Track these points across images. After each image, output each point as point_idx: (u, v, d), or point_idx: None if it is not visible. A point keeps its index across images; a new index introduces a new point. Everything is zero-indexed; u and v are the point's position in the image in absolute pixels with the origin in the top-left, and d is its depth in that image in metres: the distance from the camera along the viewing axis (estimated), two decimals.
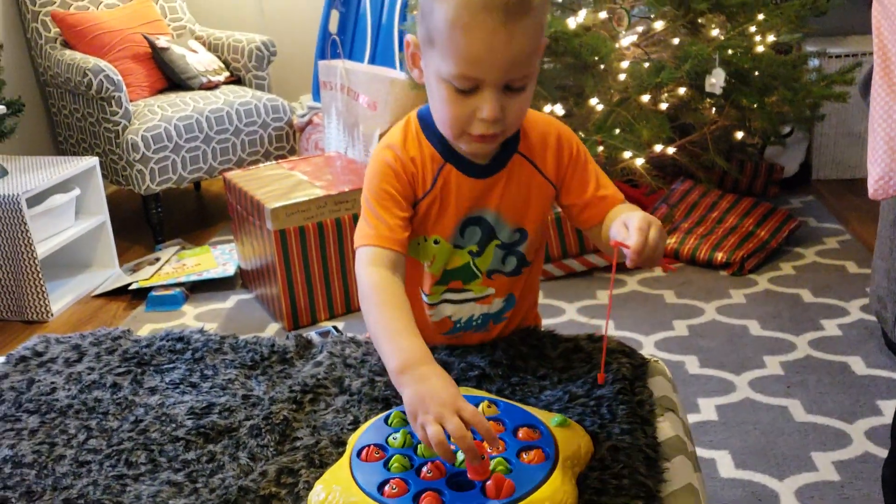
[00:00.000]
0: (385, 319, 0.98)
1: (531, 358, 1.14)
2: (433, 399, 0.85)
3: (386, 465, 0.88)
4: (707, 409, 2.04)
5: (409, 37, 1.05)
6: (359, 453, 0.91)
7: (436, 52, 0.99)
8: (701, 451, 1.87)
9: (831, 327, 2.41)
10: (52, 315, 2.80)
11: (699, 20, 2.93)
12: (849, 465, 1.81)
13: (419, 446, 0.89)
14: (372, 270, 1.03)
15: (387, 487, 0.85)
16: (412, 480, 0.85)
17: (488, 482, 0.83)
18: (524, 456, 0.89)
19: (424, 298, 1.17)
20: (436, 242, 1.12)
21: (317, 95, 3.81)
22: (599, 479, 0.89)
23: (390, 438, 0.92)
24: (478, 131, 1.01)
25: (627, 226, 1.00)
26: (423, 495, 0.83)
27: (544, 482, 0.85)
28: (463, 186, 1.09)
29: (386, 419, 0.96)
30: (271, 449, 0.99)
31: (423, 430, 0.83)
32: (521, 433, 0.92)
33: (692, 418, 2.00)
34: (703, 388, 2.14)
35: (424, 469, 0.87)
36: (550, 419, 0.96)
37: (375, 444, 0.91)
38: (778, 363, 2.23)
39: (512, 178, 1.11)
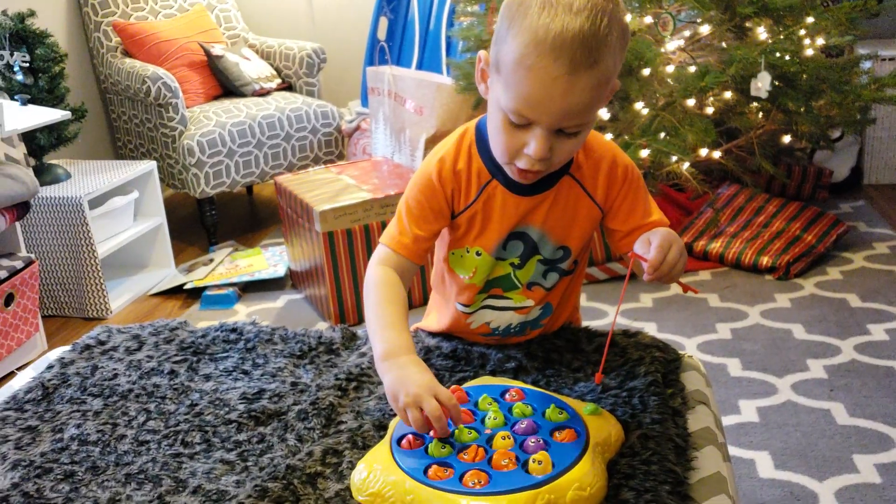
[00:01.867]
0: (380, 312, 1.06)
1: (566, 351, 1.18)
2: (412, 384, 0.95)
3: (426, 451, 0.93)
4: (748, 411, 2.05)
5: (482, 53, 1.05)
6: (399, 441, 0.96)
7: (500, 81, 0.99)
8: (741, 452, 1.89)
9: (878, 332, 2.39)
10: (111, 312, 2.91)
11: (746, 24, 2.93)
12: (891, 468, 1.80)
13: (429, 446, 0.94)
14: (380, 269, 1.12)
15: (430, 471, 0.89)
16: (455, 463, 0.90)
17: (528, 459, 0.88)
18: (557, 435, 0.93)
19: (462, 309, 1.21)
20: (478, 254, 1.15)
21: (365, 101, 3.89)
22: (629, 465, 0.93)
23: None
24: (522, 164, 1.02)
25: (650, 241, 1.02)
26: (468, 472, 0.88)
27: (574, 465, 0.89)
28: (508, 203, 1.11)
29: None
30: (317, 431, 1.04)
31: (405, 412, 0.94)
32: (548, 413, 0.97)
33: (733, 419, 2.01)
34: (745, 390, 2.14)
35: (465, 454, 0.91)
36: (583, 408, 0.99)
37: (413, 434, 0.96)
38: (822, 367, 2.23)
39: (559, 199, 1.12)
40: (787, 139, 3.02)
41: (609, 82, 0.98)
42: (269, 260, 3.17)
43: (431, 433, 0.94)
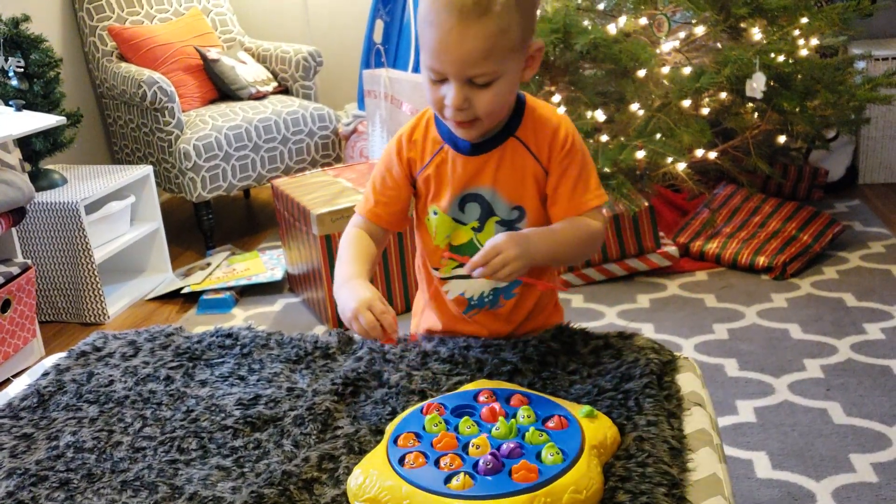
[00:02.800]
0: (343, 258, 1.23)
1: (562, 354, 1.18)
2: (354, 300, 1.11)
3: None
4: (745, 411, 2.05)
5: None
6: (395, 440, 0.96)
7: (420, 43, 1.12)
8: (738, 452, 1.89)
9: (874, 331, 2.40)
10: (108, 317, 2.91)
11: (740, 25, 2.94)
12: (888, 466, 1.81)
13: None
14: (351, 229, 1.28)
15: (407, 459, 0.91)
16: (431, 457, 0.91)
17: (516, 465, 0.88)
18: (549, 424, 0.94)
19: (436, 273, 1.29)
20: (434, 213, 1.25)
21: (362, 104, 3.89)
22: (624, 468, 0.93)
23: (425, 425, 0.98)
24: (449, 115, 1.14)
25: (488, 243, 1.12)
26: (455, 476, 0.88)
27: (570, 468, 0.89)
28: (458, 163, 1.22)
29: (421, 410, 1.01)
30: (314, 437, 1.04)
31: (351, 325, 1.11)
32: (552, 423, 0.97)
33: (730, 420, 2.02)
34: (742, 390, 2.15)
35: (445, 461, 0.92)
36: (578, 410, 1.00)
37: (412, 432, 0.96)
38: (818, 366, 2.23)
39: (505, 159, 1.21)
40: (782, 139, 3.02)
41: (506, 34, 1.07)
42: (266, 263, 3.17)
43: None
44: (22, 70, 2.87)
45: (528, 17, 1.10)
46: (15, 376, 2.44)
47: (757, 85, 2.72)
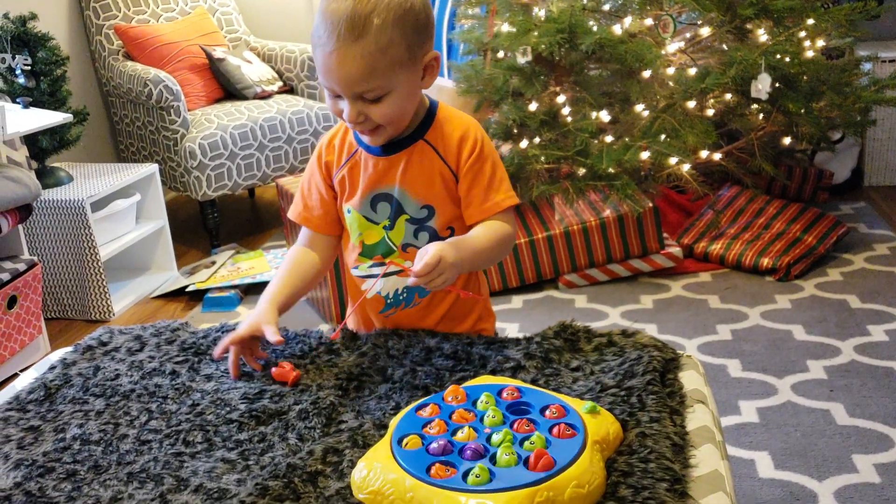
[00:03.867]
0: (276, 275, 1.34)
1: (565, 351, 1.19)
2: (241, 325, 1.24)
3: (427, 450, 0.93)
4: (748, 412, 2.05)
5: None
6: (399, 441, 0.96)
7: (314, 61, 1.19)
8: (740, 452, 1.89)
9: (878, 333, 2.40)
10: (113, 315, 2.92)
11: (746, 25, 2.94)
12: (890, 467, 1.81)
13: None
14: (295, 248, 1.36)
15: (433, 470, 0.90)
16: (457, 462, 0.91)
17: (530, 456, 0.89)
18: (555, 431, 0.94)
19: (355, 272, 1.34)
20: (348, 212, 1.30)
21: None
22: (627, 463, 0.94)
23: (426, 428, 0.98)
24: (351, 128, 1.23)
25: (427, 251, 1.12)
26: (472, 469, 0.88)
27: (573, 463, 0.89)
28: (368, 164, 1.27)
29: (417, 408, 1.01)
30: (318, 431, 1.05)
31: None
32: (549, 412, 0.97)
33: (733, 420, 2.02)
34: (745, 390, 2.15)
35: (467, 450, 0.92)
36: (581, 406, 1.00)
37: (415, 433, 0.96)
38: (821, 367, 2.23)
39: (412, 160, 1.26)
40: (787, 141, 3.03)
41: (386, 52, 1.12)
42: (271, 262, 3.18)
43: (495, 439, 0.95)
44: (29, 68, 2.88)
45: (412, 33, 1.14)
46: (21, 372, 2.46)
47: (762, 86, 2.73)
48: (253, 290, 3.04)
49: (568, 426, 0.94)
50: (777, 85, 2.80)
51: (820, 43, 2.98)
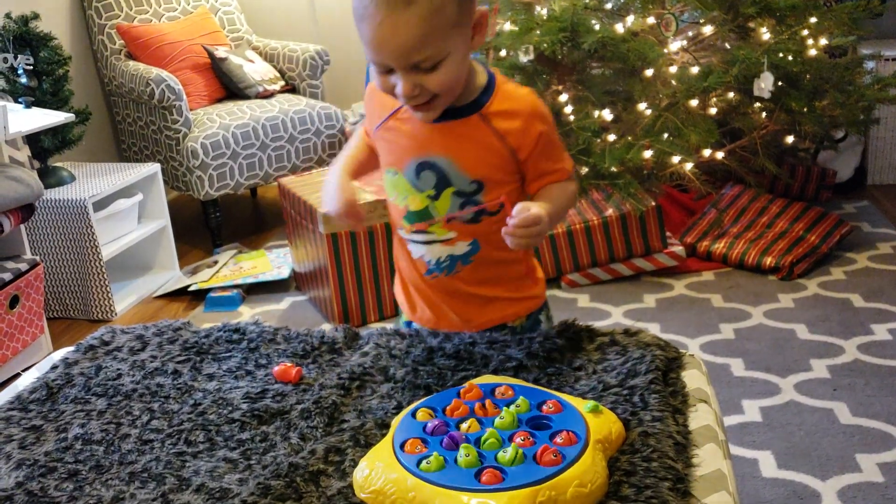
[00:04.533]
0: (342, 158, 1.31)
1: (567, 350, 1.18)
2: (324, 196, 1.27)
3: (417, 463, 0.92)
4: (751, 411, 2.05)
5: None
6: (402, 446, 0.95)
7: (360, 38, 1.10)
8: (743, 451, 1.89)
9: (881, 332, 2.39)
10: (115, 314, 2.92)
11: (748, 24, 2.93)
12: (894, 467, 1.80)
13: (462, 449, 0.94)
14: (357, 136, 1.35)
15: (406, 445, 0.92)
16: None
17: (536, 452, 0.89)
18: (557, 440, 0.93)
19: (402, 235, 1.30)
20: (394, 174, 1.25)
21: None
22: (629, 462, 0.94)
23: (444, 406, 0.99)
24: (403, 102, 1.13)
25: (529, 208, 1.11)
26: (485, 471, 0.88)
27: (575, 462, 0.89)
28: (415, 127, 1.21)
29: (413, 413, 1.01)
30: (320, 430, 1.05)
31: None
32: (545, 407, 0.97)
33: (736, 419, 2.01)
34: (748, 390, 2.14)
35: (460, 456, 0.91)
36: (583, 405, 1.00)
37: (418, 437, 0.95)
38: (825, 367, 2.23)
39: (465, 132, 1.19)
40: (790, 139, 3.02)
41: (441, 13, 1.05)
42: (273, 262, 3.18)
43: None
44: (31, 68, 2.89)
45: None
46: (23, 372, 2.46)
47: (765, 85, 2.72)
48: (255, 289, 3.04)
49: (571, 433, 0.93)
50: (780, 83, 2.79)
51: (823, 41, 2.98)
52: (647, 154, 2.70)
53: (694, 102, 2.78)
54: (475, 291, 1.28)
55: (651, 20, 2.90)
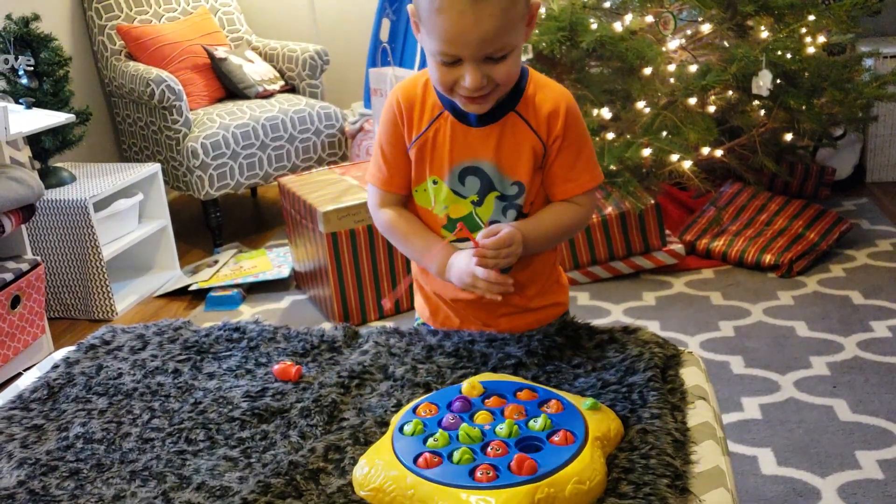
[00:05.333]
0: (411, 244, 1.25)
1: (566, 348, 1.19)
2: (458, 274, 1.18)
3: (424, 441, 0.94)
4: (751, 408, 2.05)
5: (410, 6, 1.14)
6: (401, 428, 0.97)
7: (424, 29, 1.10)
8: (743, 449, 1.89)
9: (881, 329, 2.40)
10: (116, 314, 2.93)
11: (747, 22, 2.94)
12: (894, 463, 1.81)
13: (461, 428, 0.95)
14: (384, 211, 1.28)
15: (420, 460, 0.91)
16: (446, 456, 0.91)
17: (511, 462, 0.88)
18: (554, 438, 0.93)
19: None
20: (434, 182, 1.23)
21: (368, 103, 3.90)
22: (628, 459, 0.94)
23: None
24: (465, 94, 1.12)
25: (501, 229, 1.14)
26: (479, 466, 0.88)
27: (573, 460, 0.89)
28: (457, 132, 1.20)
29: (414, 409, 1.01)
30: (320, 428, 1.05)
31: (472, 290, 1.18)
32: (548, 406, 0.97)
33: (735, 417, 2.02)
34: (748, 387, 2.15)
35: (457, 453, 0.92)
36: (582, 403, 1.00)
37: (430, 453, 0.94)
38: (824, 364, 2.23)
39: (506, 132, 1.20)
40: (789, 137, 3.02)
41: (516, 4, 1.07)
42: (273, 261, 3.18)
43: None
44: (32, 68, 2.89)
45: None
46: (24, 372, 2.46)
47: (763, 83, 2.72)
48: (255, 289, 3.05)
49: (568, 432, 0.93)
50: (778, 81, 2.80)
51: (821, 39, 2.98)
52: (646, 152, 2.70)
53: (692, 101, 2.78)
54: (507, 300, 1.26)
55: (649, 19, 2.91)
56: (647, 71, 2.81)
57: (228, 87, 3.69)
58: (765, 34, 2.87)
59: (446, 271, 1.21)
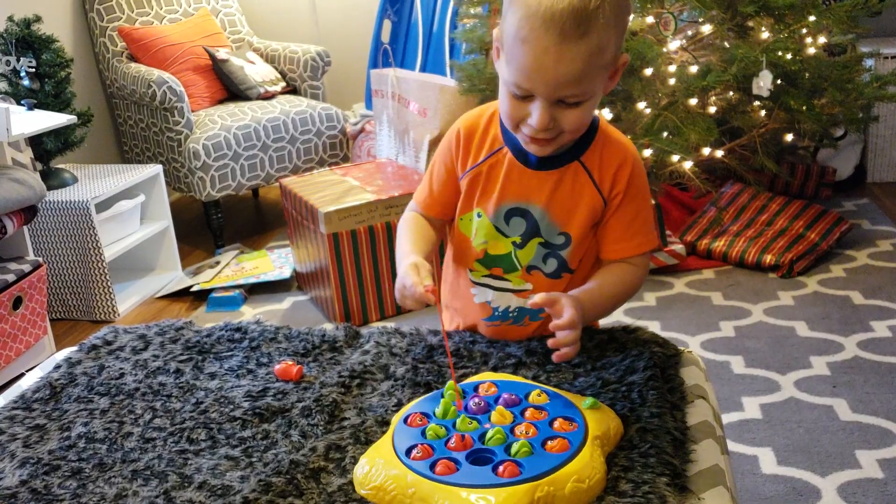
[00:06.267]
0: (402, 237, 1.23)
1: None
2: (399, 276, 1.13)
3: (423, 432, 0.95)
4: (751, 408, 2.06)
5: (495, 31, 1.10)
6: (406, 419, 0.99)
7: (504, 55, 1.06)
8: (743, 448, 1.89)
9: (881, 329, 2.40)
10: (118, 315, 2.93)
11: (747, 23, 2.94)
12: (894, 463, 1.81)
13: (426, 430, 0.96)
14: (409, 213, 1.28)
15: (413, 451, 0.92)
16: (438, 448, 0.92)
17: (500, 468, 0.89)
18: (549, 444, 0.93)
19: (469, 275, 1.26)
20: (478, 216, 1.21)
21: (369, 103, 3.91)
22: (627, 458, 0.94)
23: (434, 409, 1.00)
24: (527, 132, 1.08)
25: (565, 309, 1.06)
26: (439, 462, 0.89)
27: (573, 458, 0.90)
28: (513, 171, 1.17)
29: (441, 393, 1.03)
30: (321, 428, 1.06)
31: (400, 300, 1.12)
32: (556, 424, 0.97)
33: (735, 416, 2.02)
34: (748, 387, 2.15)
35: (451, 441, 0.93)
36: (582, 401, 1.01)
37: (422, 412, 0.99)
38: (825, 363, 2.23)
39: (565, 181, 1.16)
40: (789, 138, 3.03)
41: (603, 53, 1.01)
42: (274, 262, 3.19)
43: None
44: (33, 70, 2.90)
45: (622, 32, 1.04)
46: (26, 372, 2.47)
47: (763, 83, 2.73)
48: (257, 289, 3.05)
49: (564, 440, 0.93)
50: (779, 82, 2.80)
51: (821, 40, 2.99)
52: (647, 153, 2.70)
53: (693, 101, 2.79)
54: (531, 334, 1.26)
55: (650, 19, 2.91)
56: (648, 71, 2.82)
57: (230, 89, 3.70)
58: (765, 35, 2.88)
59: (398, 266, 1.19)
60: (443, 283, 1.36)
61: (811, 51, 2.92)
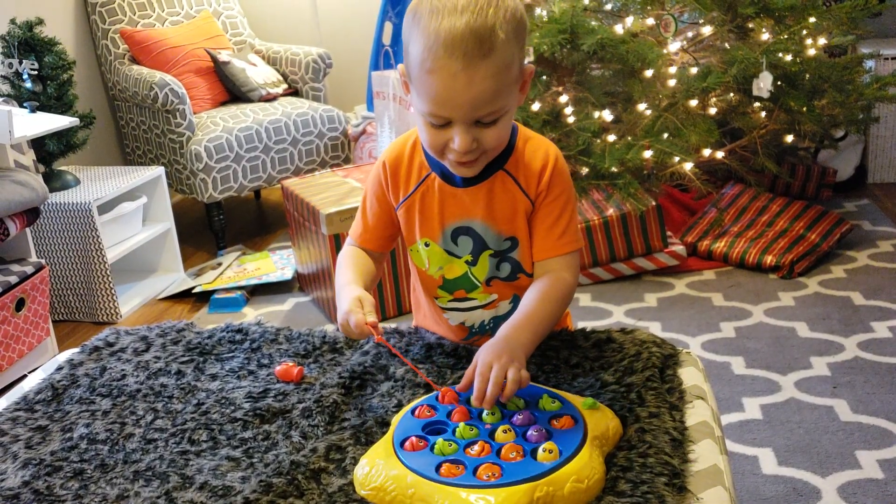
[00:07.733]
0: (341, 266, 1.23)
1: (564, 348, 1.20)
2: (343, 306, 1.12)
3: (432, 450, 0.94)
4: (751, 408, 2.06)
5: (400, 66, 1.12)
6: (402, 444, 0.96)
7: (413, 88, 1.07)
8: (744, 449, 1.90)
9: (882, 329, 2.40)
10: (120, 316, 2.94)
11: (747, 24, 2.95)
12: (894, 463, 1.81)
13: (435, 444, 0.95)
14: (348, 247, 1.28)
15: (442, 469, 0.91)
16: (464, 460, 0.92)
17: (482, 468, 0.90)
18: (555, 422, 0.94)
19: (438, 304, 1.28)
20: (426, 245, 1.22)
21: (370, 105, 3.91)
22: (626, 458, 0.95)
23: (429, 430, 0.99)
24: (453, 157, 1.09)
25: (476, 361, 1.02)
26: (443, 464, 0.90)
27: (572, 458, 0.90)
28: (445, 193, 1.19)
29: (412, 411, 1.03)
30: (321, 428, 1.06)
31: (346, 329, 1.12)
32: (542, 403, 0.98)
33: (736, 417, 2.03)
34: (749, 387, 2.16)
35: (474, 447, 0.93)
36: (581, 402, 1.01)
37: (417, 436, 0.97)
38: (825, 364, 2.24)
39: (495, 191, 1.17)
40: (790, 139, 3.03)
41: (510, 68, 1.03)
42: (276, 263, 3.20)
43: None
44: (36, 72, 2.91)
45: (522, 44, 1.06)
46: (29, 373, 2.48)
47: (764, 84, 2.73)
48: (259, 291, 3.06)
49: (567, 416, 0.95)
50: (779, 83, 2.80)
51: (822, 41, 2.99)
52: (647, 154, 2.71)
53: (693, 102, 2.79)
54: None
55: (650, 21, 2.92)
56: (649, 73, 2.82)
57: (231, 91, 3.71)
58: (765, 36, 2.88)
59: (337, 296, 1.18)
60: (416, 312, 1.38)
61: (811, 52, 2.92)
